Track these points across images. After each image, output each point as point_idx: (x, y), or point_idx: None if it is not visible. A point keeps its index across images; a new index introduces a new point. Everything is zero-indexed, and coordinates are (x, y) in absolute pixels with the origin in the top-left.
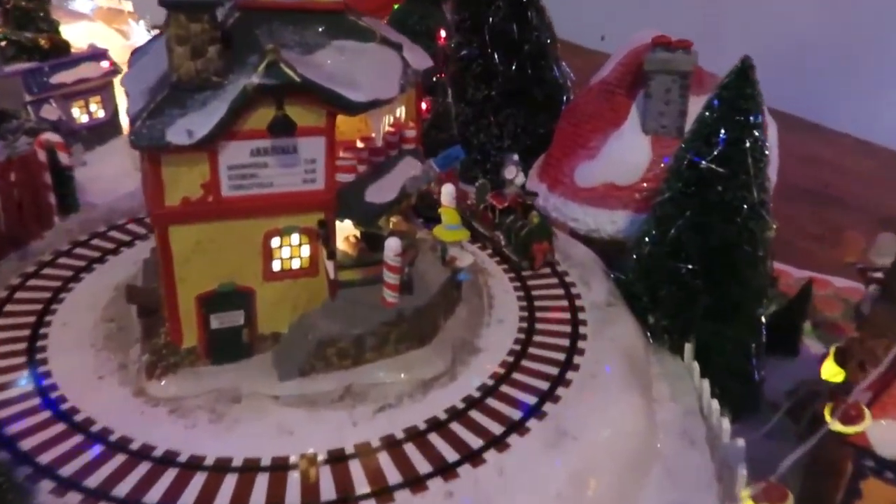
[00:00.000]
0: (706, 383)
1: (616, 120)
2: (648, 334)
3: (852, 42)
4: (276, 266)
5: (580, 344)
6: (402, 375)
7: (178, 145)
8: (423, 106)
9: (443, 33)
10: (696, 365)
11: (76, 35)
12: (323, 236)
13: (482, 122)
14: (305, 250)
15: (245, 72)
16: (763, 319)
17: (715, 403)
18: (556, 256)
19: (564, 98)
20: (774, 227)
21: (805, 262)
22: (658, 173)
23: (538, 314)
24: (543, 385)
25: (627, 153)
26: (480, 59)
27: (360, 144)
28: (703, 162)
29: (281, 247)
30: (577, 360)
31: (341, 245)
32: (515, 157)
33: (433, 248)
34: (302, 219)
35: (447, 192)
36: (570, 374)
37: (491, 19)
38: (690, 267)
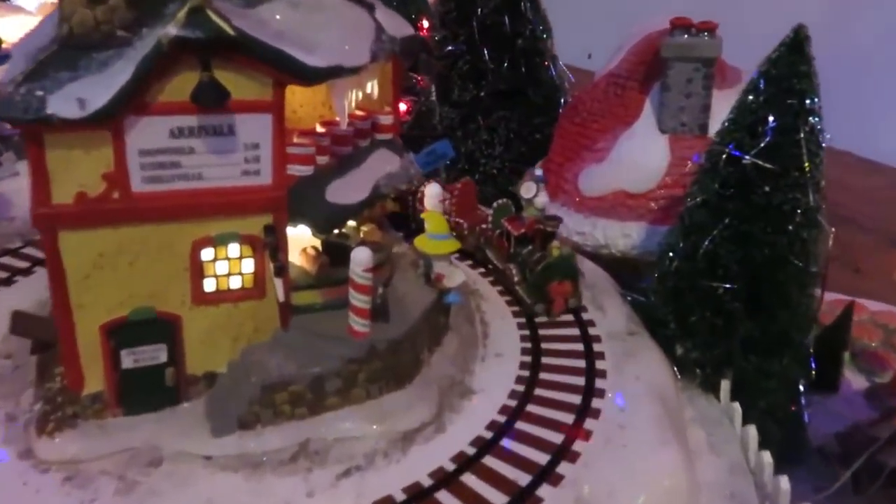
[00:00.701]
0: (753, 431)
1: (627, 117)
2: (675, 369)
3: (853, 59)
4: (210, 286)
5: (598, 383)
6: (375, 427)
7: (66, 119)
8: (402, 107)
9: (425, 23)
10: (737, 407)
11: (12, 30)
12: (270, 247)
13: (470, 126)
14: (248, 265)
15: (162, 24)
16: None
17: (766, 457)
18: (583, 301)
19: (562, 100)
20: (832, 235)
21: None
22: (677, 178)
23: (544, 345)
24: (556, 438)
25: (641, 155)
26: (468, 55)
27: (319, 129)
28: (747, 157)
29: (215, 261)
30: (596, 403)
31: (296, 259)
32: (538, 171)
33: (414, 265)
34: (243, 223)
35: (432, 193)
36: (589, 424)
37: (480, 10)
38: (728, 286)
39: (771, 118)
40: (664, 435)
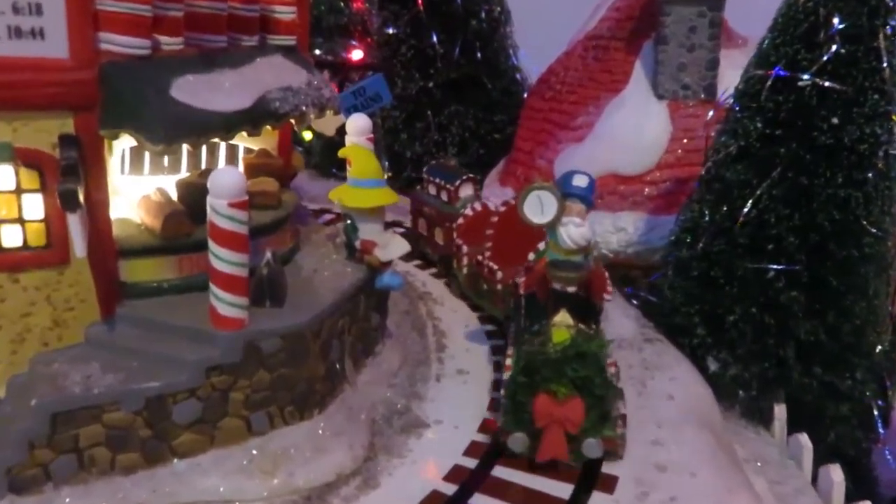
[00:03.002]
0: (837, 475)
1: (613, 84)
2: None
3: None
4: None
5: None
6: (260, 483)
7: None
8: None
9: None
10: (805, 442)
11: None
12: (67, 169)
13: (417, 125)
14: (33, 206)
15: None
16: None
17: None
18: (621, 450)
19: (525, 96)
20: None
21: None
22: (681, 156)
23: None
24: (560, 490)
25: (634, 129)
26: (412, 38)
27: None
28: (805, 77)
29: None
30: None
31: (137, 207)
32: (583, 182)
33: (331, 237)
34: (19, 128)
35: (357, 124)
36: (611, 467)
37: None
38: (782, 268)
39: (836, 20)
40: (728, 478)
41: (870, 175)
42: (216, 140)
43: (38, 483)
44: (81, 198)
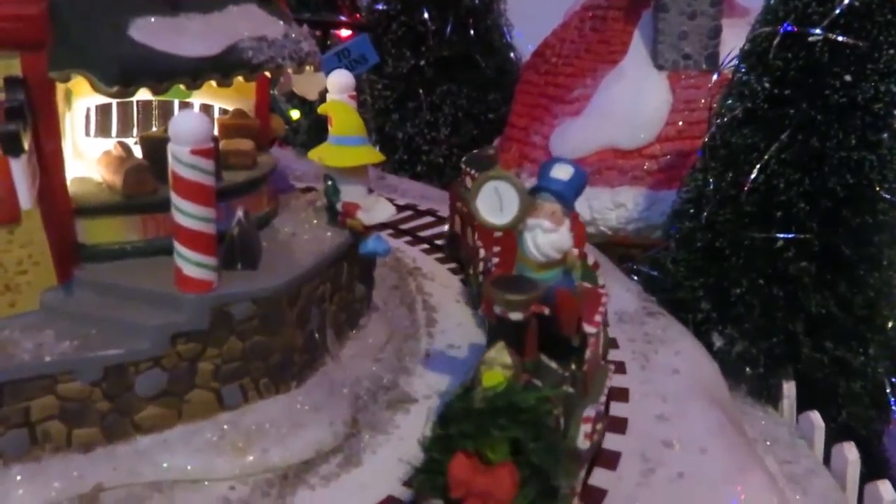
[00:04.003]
0: (852, 454)
1: (611, 55)
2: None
3: None
4: None
5: (617, 380)
6: (231, 461)
7: None
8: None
9: None
10: (817, 420)
11: None
12: (11, 112)
13: (408, 105)
14: None
15: None
16: None
17: (886, 490)
18: None
19: (519, 75)
20: None
21: None
22: (682, 128)
23: None
24: None
25: (632, 101)
26: (403, 15)
27: None
28: (815, 31)
29: None
30: (618, 410)
31: (97, 163)
32: (565, 173)
33: (311, 202)
34: None
35: (338, 80)
36: (614, 442)
37: None
38: (791, 236)
39: None
40: (739, 455)
41: (885, 136)
42: (183, 87)
43: None
44: (26, 143)
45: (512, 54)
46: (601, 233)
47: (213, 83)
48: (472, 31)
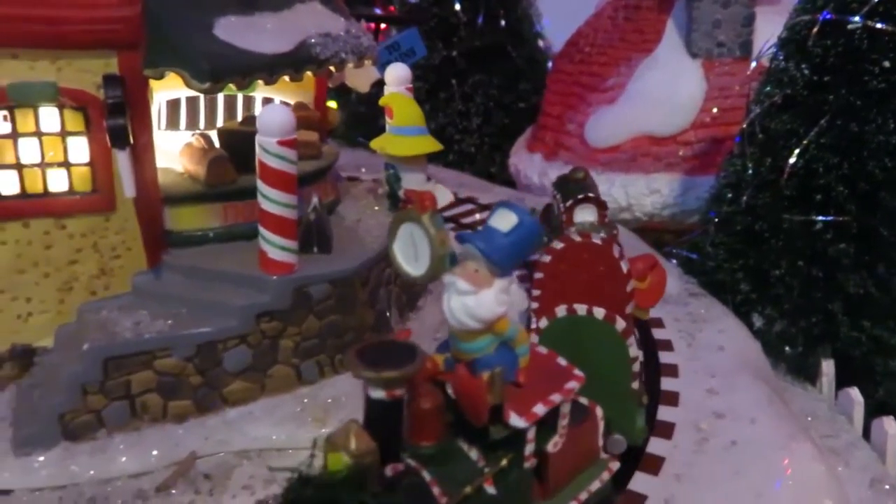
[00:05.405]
0: (893, 427)
1: (645, 43)
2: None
3: None
4: (6, 186)
5: (665, 357)
6: (308, 432)
7: None
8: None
9: None
10: (856, 396)
11: None
12: (114, 108)
13: (441, 95)
14: (78, 148)
15: None
16: None
17: None
18: None
19: (549, 66)
20: None
21: None
22: (717, 116)
23: None
24: None
25: (667, 88)
26: (436, 7)
27: None
28: (854, 19)
29: (13, 137)
30: (669, 384)
31: (179, 155)
32: (505, 223)
33: (371, 190)
34: (63, 67)
35: (396, 73)
36: (668, 413)
37: None
38: (830, 219)
39: None
40: (788, 425)
41: None
42: (259, 81)
43: (92, 429)
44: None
45: (541, 43)
46: (636, 218)
47: (286, 78)
48: (502, 22)
